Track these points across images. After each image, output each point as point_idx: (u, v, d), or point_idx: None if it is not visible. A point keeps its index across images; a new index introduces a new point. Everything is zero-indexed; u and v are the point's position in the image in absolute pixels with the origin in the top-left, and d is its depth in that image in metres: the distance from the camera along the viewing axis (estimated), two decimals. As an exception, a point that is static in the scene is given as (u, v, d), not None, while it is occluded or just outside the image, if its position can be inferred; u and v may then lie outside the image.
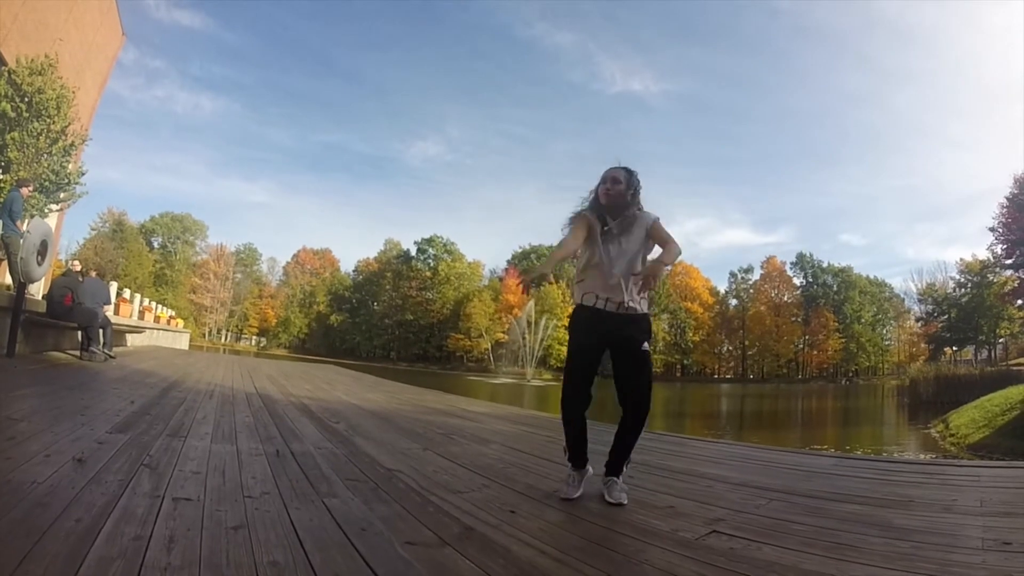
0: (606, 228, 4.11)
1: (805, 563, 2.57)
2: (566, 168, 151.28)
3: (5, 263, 11.08)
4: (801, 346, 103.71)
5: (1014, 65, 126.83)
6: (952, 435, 23.43)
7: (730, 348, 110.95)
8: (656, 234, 4.08)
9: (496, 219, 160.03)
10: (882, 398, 53.98)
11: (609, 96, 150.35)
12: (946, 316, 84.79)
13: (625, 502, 3.71)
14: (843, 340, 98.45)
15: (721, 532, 3.06)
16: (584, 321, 4.12)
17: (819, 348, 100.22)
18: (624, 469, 4.09)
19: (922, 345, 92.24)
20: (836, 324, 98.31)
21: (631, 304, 3.99)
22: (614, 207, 4.14)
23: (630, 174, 4.24)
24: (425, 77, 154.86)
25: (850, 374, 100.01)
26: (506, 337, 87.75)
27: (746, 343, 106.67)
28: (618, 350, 4.08)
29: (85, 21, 28.69)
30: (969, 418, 25.37)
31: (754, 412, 35.45)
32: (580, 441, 4.20)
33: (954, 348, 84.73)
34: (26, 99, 19.15)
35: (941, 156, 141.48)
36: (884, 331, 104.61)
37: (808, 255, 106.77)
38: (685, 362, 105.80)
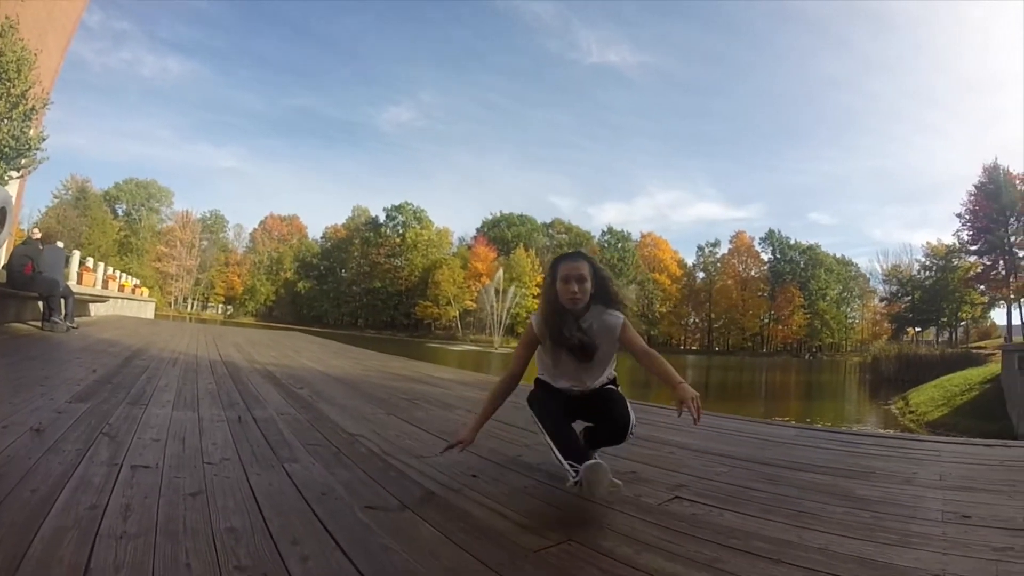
0: (567, 335, 3.47)
1: (766, 529, 2.60)
2: (540, 137, 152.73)
3: None
4: (767, 320, 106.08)
5: (991, 58, 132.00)
6: (912, 412, 23.96)
7: (696, 320, 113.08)
8: (628, 342, 3.56)
9: (468, 186, 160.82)
10: (844, 374, 54.92)
11: (585, 67, 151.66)
12: (910, 297, 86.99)
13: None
14: (808, 316, 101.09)
15: (683, 498, 3.09)
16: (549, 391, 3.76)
17: (784, 323, 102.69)
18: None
19: (885, 324, 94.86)
20: (802, 300, 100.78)
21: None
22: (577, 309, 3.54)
23: (594, 265, 3.58)
24: (400, 41, 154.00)
25: (814, 350, 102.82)
26: (474, 305, 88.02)
27: (712, 316, 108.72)
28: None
29: (48, -19, 28.07)
30: (929, 396, 25.99)
31: (719, 383, 35.89)
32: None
33: (916, 329, 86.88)
34: None
35: (914, 142, 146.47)
36: (848, 309, 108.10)
37: (777, 232, 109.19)
38: (652, 332, 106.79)
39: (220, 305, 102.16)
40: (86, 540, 2.03)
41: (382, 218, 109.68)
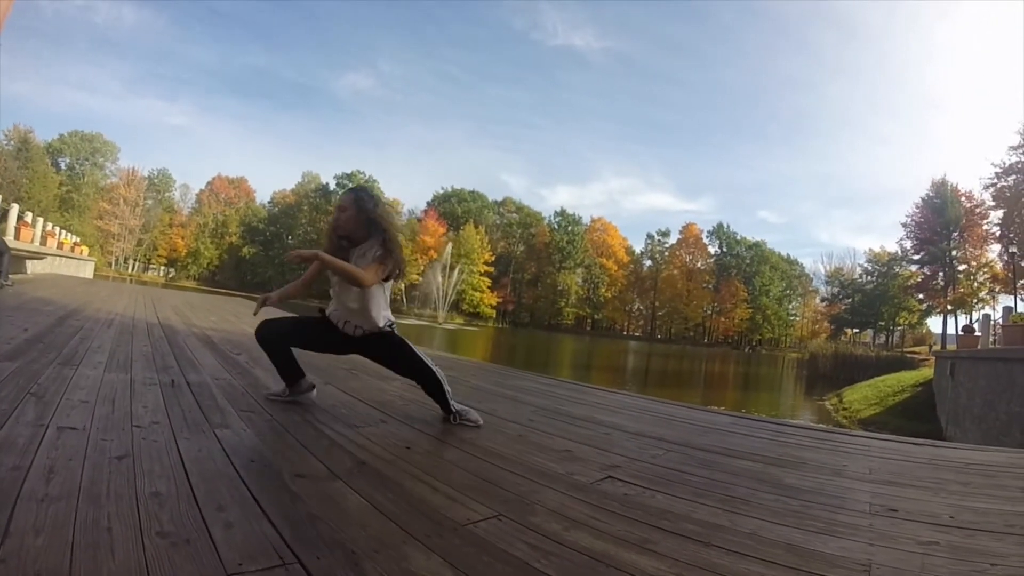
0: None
1: (697, 512, 2.65)
2: (497, 114, 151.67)
3: None
4: (709, 312, 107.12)
5: (949, 78, 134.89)
6: (845, 409, 24.58)
7: (640, 307, 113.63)
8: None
9: (421, 159, 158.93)
10: (782, 368, 55.98)
11: (549, 47, 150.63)
12: (850, 299, 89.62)
13: (474, 420, 4.18)
14: (750, 310, 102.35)
15: (616, 478, 3.12)
16: (323, 324, 4.28)
17: (727, 316, 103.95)
18: (451, 405, 4.22)
19: (825, 324, 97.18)
20: (745, 295, 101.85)
21: (369, 328, 4.17)
22: (351, 235, 4.13)
23: (358, 198, 4.15)
24: (360, 5, 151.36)
25: (754, 343, 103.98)
26: (420, 279, 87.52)
27: (656, 304, 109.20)
28: (376, 359, 4.39)
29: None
30: (862, 395, 26.71)
31: (659, 370, 36.33)
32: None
33: (854, 330, 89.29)
34: None
35: (866, 149, 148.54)
36: (790, 306, 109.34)
37: (725, 226, 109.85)
38: (596, 316, 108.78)
39: (162, 267, 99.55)
40: (6, 502, 1.99)
41: (332, 185, 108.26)
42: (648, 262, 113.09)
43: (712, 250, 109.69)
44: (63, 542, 1.78)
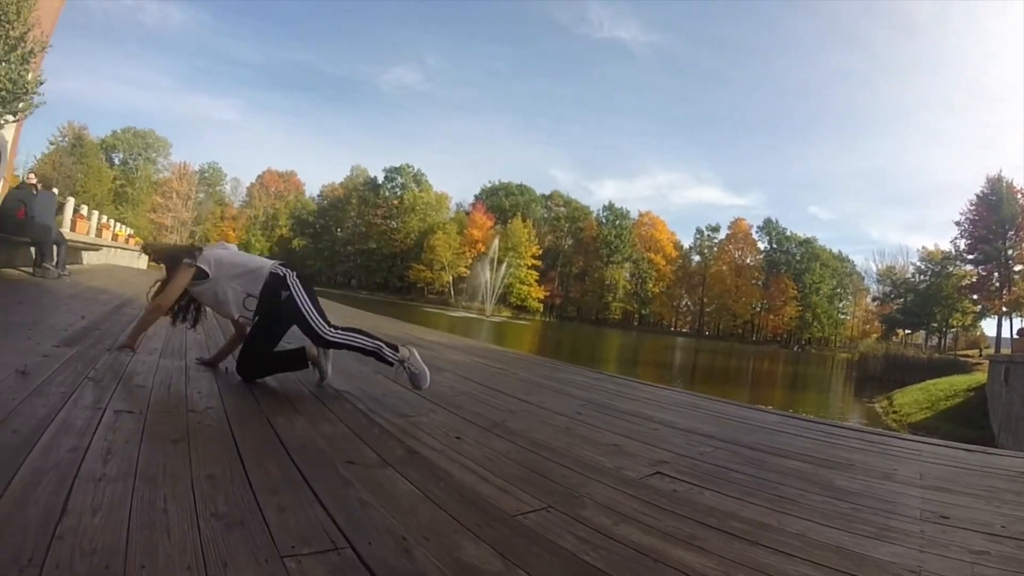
0: None
1: (745, 511, 2.62)
2: (543, 109, 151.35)
3: None
4: (758, 309, 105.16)
5: (1007, 70, 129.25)
6: (895, 412, 24.16)
7: (688, 303, 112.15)
8: None
9: (468, 153, 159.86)
10: (831, 369, 55.08)
11: (594, 41, 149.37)
12: (902, 299, 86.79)
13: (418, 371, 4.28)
14: (800, 308, 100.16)
15: (664, 474, 3.10)
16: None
17: (776, 313, 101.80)
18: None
19: (875, 323, 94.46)
20: (795, 292, 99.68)
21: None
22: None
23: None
24: (406, 1, 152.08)
25: (803, 342, 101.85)
26: (468, 272, 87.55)
27: (705, 300, 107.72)
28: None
29: (47, -78, 27.94)
30: (913, 398, 26.22)
31: (706, 366, 36.00)
32: None
33: (906, 331, 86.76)
34: None
35: (918, 145, 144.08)
36: (840, 305, 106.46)
37: (775, 221, 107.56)
38: (643, 312, 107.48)
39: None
40: (64, 482, 2.03)
41: (381, 179, 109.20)
42: (697, 257, 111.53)
43: (761, 246, 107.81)
44: (120, 521, 1.81)
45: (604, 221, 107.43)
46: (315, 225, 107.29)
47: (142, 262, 36.48)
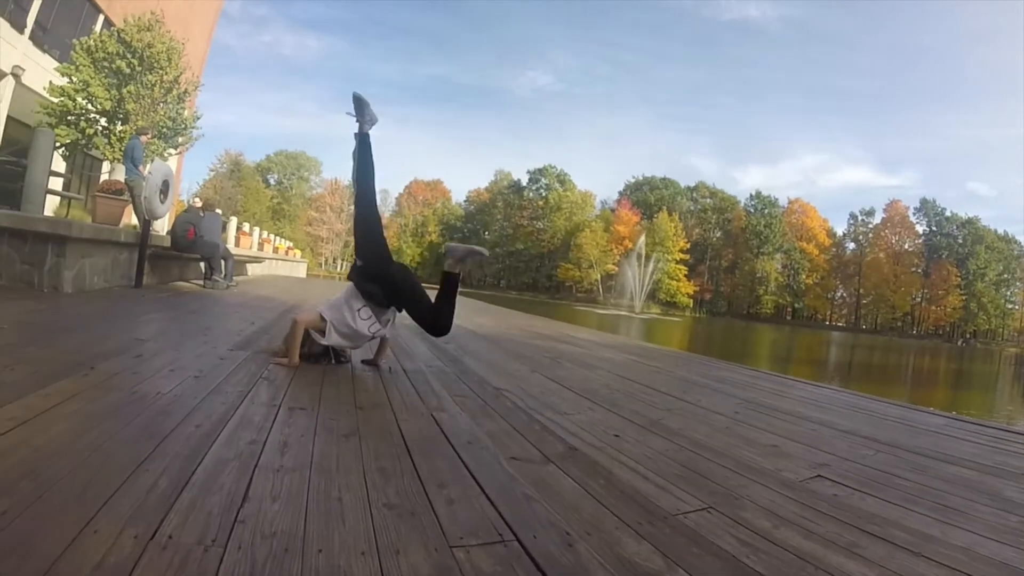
0: None
1: (908, 520, 2.48)
2: (676, 96, 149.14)
3: (131, 205, 11.69)
4: (918, 299, 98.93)
5: None
6: (1073, 417, 22.35)
7: (844, 295, 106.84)
8: None
9: (607, 149, 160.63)
10: (999, 365, 51.14)
11: (723, 22, 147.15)
12: (1082, 285, 78.92)
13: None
14: (963, 298, 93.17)
15: (825, 477, 2.98)
16: None
17: (937, 303, 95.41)
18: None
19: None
20: (958, 279, 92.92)
21: None
22: None
23: None
24: (529, 3, 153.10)
25: (967, 335, 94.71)
26: (616, 269, 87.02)
27: (861, 291, 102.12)
28: None
29: (185, -24, 30.75)
30: (1094, 402, 24.12)
31: (863, 363, 34.14)
32: None
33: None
34: (137, 54, 20.82)
35: None
36: (1008, 293, 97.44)
37: (932, 202, 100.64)
38: (796, 305, 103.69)
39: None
40: (245, 471, 2.18)
41: (525, 181, 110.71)
42: (851, 245, 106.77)
43: (920, 229, 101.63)
44: (297, 508, 1.93)
45: (752, 210, 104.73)
46: (463, 230, 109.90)
47: (301, 271, 38.27)
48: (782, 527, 2.24)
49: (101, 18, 26.47)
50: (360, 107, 4.68)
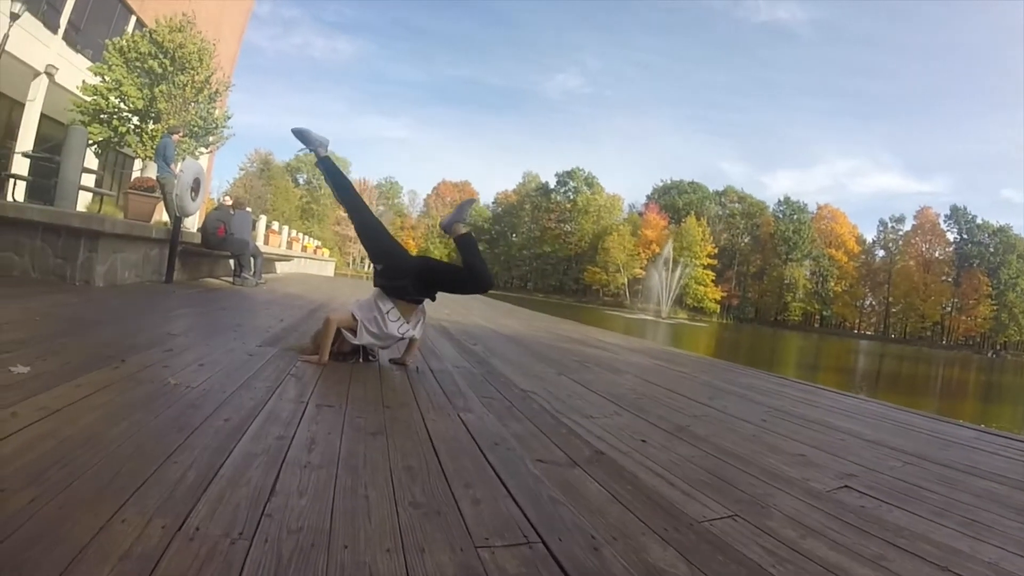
0: None
1: (936, 534, 2.43)
2: (706, 99, 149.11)
3: (162, 203, 11.88)
4: (948, 309, 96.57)
5: None
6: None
7: (873, 303, 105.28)
8: None
9: (636, 152, 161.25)
10: (1030, 377, 50.24)
11: (753, 25, 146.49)
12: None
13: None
14: (995, 307, 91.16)
15: (852, 488, 2.94)
16: None
17: (967, 313, 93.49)
18: None
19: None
20: (989, 289, 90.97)
21: None
22: None
23: None
24: (558, 6, 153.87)
25: (998, 347, 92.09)
26: (643, 273, 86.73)
27: (890, 299, 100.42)
28: None
29: (216, -23, 31.52)
30: None
31: (891, 373, 33.65)
32: None
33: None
34: (169, 55, 21.39)
35: None
36: None
37: (963, 209, 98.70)
38: (824, 313, 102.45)
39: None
40: (273, 466, 2.20)
41: (553, 183, 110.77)
42: (880, 252, 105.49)
43: (950, 237, 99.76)
44: (324, 504, 1.94)
45: (781, 216, 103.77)
46: (491, 231, 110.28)
47: (329, 270, 38.55)
48: (808, 537, 2.22)
49: (133, 19, 27.09)
50: (303, 137, 4.92)
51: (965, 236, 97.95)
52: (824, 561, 2.02)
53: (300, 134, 4.93)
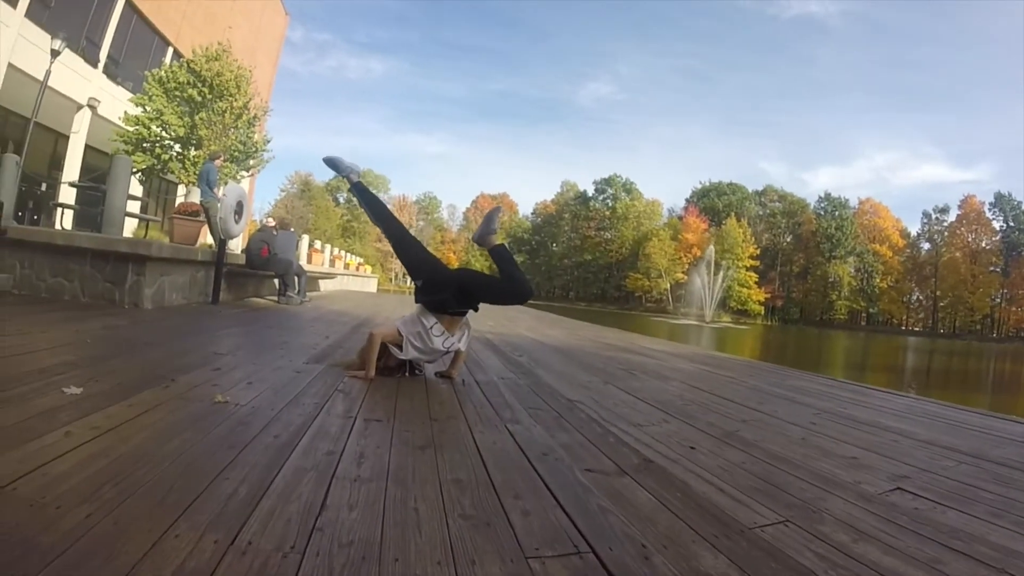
0: None
1: (992, 535, 2.36)
2: (741, 101, 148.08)
3: (207, 225, 12.14)
4: (998, 300, 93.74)
5: None
6: None
7: (920, 298, 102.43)
8: None
9: (673, 157, 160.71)
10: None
11: (785, 21, 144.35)
12: None
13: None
14: None
15: (905, 490, 2.87)
16: None
17: (1018, 304, 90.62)
18: None
19: None
20: None
21: None
22: None
23: None
24: (588, 15, 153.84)
25: None
26: (685, 277, 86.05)
27: (938, 293, 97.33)
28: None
29: (250, 7, 34.09)
30: None
31: (941, 369, 32.77)
32: None
33: None
34: (207, 83, 22.06)
35: None
36: None
37: (1009, 195, 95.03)
38: (871, 310, 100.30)
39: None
40: (323, 480, 2.22)
41: (591, 192, 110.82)
42: (926, 245, 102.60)
43: (996, 225, 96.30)
44: (374, 517, 1.95)
45: (822, 213, 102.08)
46: (531, 242, 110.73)
47: (372, 286, 38.87)
48: (861, 541, 2.18)
49: (170, 50, 27.99)
50: (334, 166, 5.08)
51: (1012, 223, 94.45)
52: (878, 565, 1.98)
53: (331, 162, 5.08)
